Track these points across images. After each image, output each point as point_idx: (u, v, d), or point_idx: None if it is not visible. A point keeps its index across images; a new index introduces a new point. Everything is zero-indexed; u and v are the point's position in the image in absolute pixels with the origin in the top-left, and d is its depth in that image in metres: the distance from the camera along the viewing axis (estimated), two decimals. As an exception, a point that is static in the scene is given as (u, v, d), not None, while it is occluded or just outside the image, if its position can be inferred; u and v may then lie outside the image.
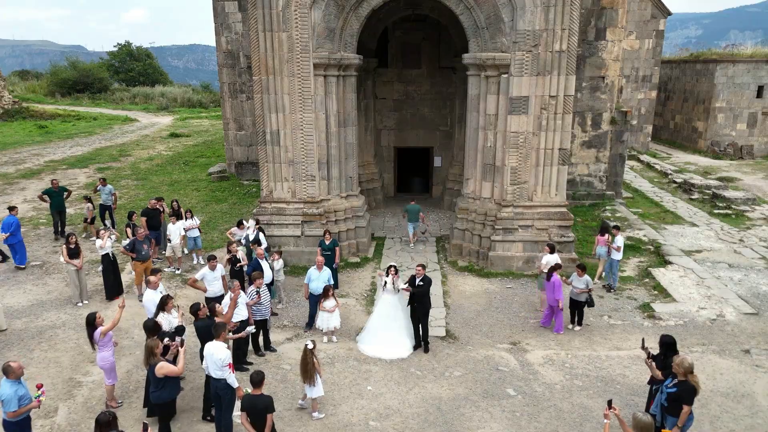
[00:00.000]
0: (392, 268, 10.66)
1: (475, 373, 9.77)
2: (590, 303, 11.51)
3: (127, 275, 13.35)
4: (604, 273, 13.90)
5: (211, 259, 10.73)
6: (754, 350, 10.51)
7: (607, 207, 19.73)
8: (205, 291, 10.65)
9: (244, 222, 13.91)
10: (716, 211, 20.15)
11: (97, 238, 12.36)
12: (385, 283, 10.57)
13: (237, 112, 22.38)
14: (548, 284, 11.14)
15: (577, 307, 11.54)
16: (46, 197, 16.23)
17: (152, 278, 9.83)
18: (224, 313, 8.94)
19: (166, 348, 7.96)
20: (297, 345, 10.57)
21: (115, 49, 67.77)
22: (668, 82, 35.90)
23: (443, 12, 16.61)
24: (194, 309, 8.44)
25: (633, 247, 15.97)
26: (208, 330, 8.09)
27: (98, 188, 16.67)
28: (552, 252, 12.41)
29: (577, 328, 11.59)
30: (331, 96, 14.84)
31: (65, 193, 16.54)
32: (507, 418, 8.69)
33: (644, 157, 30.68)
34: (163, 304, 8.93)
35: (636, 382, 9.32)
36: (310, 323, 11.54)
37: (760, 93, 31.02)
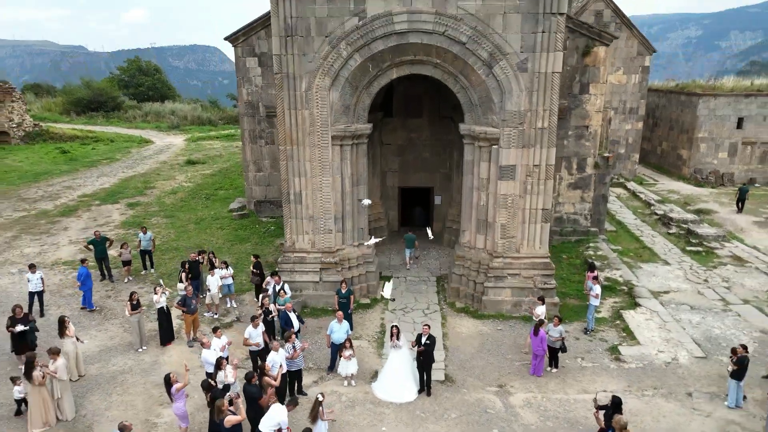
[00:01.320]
0: (395, 328, 13.02)
1: (468, 415, 12.09)
2: (563, 349, 13.84)
3: (176, 319, 15.62)
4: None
5: (254, 319, 13.07)
6: (695, 393, 12.79)
7: (590, 244, 22.00)
8: (258, 346, 12.94)
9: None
10: (689, 248, 22.43)
11: (154, 293, 14.70)
12: (393, 346, 12.94)
13: (256, 155, 24.70)
14: (536, 338, 13.35)
15: (553, 353, 13.86)
16: (90, 246, 18.64)
17: (205, 340, 12.18)
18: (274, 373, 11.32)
19: (230, 401, 10.31)
20: (322, 388, 12.86)
21: (124, 63, 70.30)
22: (656, 110, 38.06)
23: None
24: (249, 376, 10.81)
25: (609, 288, 18.21)
26: (257, 394, 10.42)
27: (140, 236, 19.15)
28: (543, 303, 14.75)
29: (555, 370, 13.91)
30: (346, 161, 17.16)
31: (107, 242, 18.94)
32: (492, 454, 11.01)
33: (631, 185, 32.88)
34: (219, 365, 11.33)
35: (594, 425, 11.59)
36: (332, 367, 13.90)
37: (740, 124, 33.21)
